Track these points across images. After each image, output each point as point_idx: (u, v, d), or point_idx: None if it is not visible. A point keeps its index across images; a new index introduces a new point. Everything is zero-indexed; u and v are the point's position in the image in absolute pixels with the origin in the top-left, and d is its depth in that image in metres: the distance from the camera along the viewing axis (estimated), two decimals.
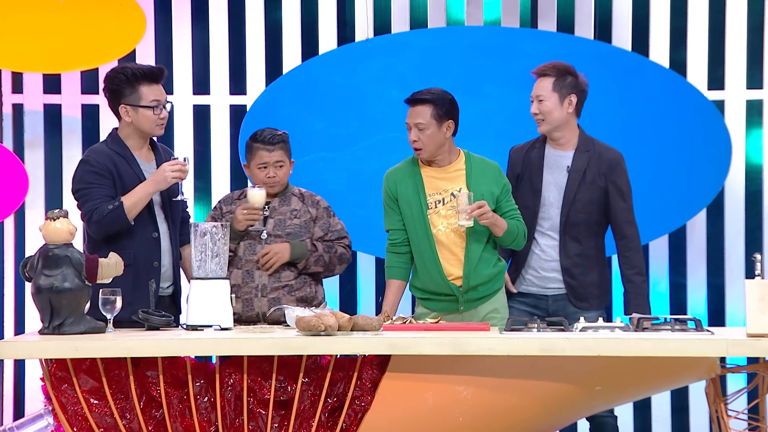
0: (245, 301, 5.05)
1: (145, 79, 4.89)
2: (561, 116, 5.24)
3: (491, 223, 4.94)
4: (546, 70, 5.26)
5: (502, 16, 6.67)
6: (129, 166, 4.88)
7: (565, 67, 5.28)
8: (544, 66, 5.28)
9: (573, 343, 4.21)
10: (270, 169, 5.09)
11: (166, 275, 4.91)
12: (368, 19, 6.64)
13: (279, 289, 5.05)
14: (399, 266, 5.10)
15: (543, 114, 5.22)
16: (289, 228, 5.10)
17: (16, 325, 6.60)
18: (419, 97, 5.00)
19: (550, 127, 5.25)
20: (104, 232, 4.81)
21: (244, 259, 5.07)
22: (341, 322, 4.35)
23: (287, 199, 5.14)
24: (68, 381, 4.30)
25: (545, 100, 5.21)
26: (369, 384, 4.34)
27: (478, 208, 4.88)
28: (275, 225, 5.09)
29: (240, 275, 5.07)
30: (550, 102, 5.21)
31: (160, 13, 6.65)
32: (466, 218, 4.89)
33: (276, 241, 5.07)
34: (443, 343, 4.23)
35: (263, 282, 5.05)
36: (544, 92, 5.22)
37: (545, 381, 4.31)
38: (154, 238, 4.90)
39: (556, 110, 5.23)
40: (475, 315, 5.05)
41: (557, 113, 5.23)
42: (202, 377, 4.38)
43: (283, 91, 6.44)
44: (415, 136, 4.99)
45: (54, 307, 4.35)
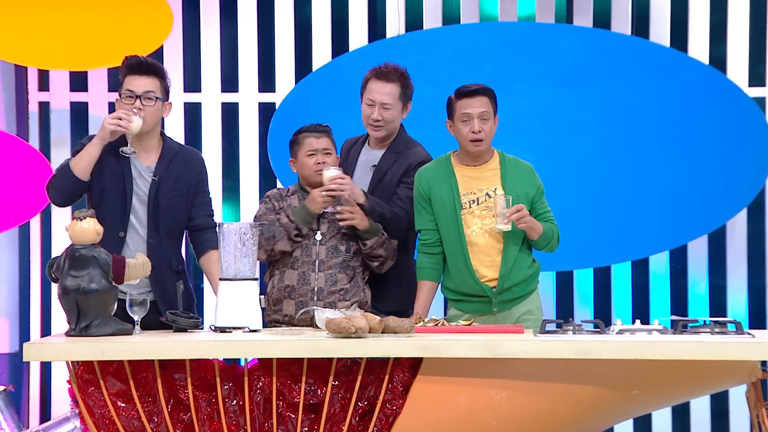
0: (299, 304, 5.04)
1: (130, 71, 4.93)
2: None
3: (529, 227, 4.93)
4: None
5: (536, 11, 6.66)
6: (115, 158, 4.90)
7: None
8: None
9: (610, 346, 4.19)
10: (319, 155, 5.09)
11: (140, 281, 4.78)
12: (400, 14, 6.65)
13: (335, 293, 5.05)
14: (431, 267, 5.09)
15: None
16: (344, 229, 5.10)
17: (43, 327, 6.64)
18: (479, 87, 5.00)
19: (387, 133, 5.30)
20: (57, 193, 4.88)
21: (301, 260, 5.07)
22: (372, 324, 4.35)
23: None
24: (95, 384, 4.33)
25: (391, 108, 5.22)
26: (400, 387, 4.34)
27: (517, 211, 4.87)
28: (329, 225, 5.09)
29: (295, 276, 5.07)
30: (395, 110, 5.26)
31: (188, 9, 6.68)
32: (504, 222, 4.88)
33: (331, 242, 5.08)
34: (476, 345, 4.22)
35: (319, 285, 5.05)
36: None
37: (581, 384, 4.30)
38: (120, 237, 4.90)
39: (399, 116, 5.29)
40: (508, 317, 5.04)
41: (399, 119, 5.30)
42: (231, 380, 4.40)
43: (312, 88, 6.46)
44: (480, 127, 4.98)
45: (81, 308, 4.37)
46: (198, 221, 5.01)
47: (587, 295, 6.68)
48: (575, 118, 6.41)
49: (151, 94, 4.89)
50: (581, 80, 6.41)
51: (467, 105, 4.98)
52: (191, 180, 4.99)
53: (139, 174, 4.94)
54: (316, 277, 5.05)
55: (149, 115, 4.89)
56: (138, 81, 4.90)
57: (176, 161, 4.98)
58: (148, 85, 4.90)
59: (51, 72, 6.63)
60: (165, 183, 4.94)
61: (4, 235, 6.55)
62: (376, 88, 5.21)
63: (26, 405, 6.62)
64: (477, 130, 4.96)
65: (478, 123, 4.97)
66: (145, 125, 4.88)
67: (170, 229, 4.96)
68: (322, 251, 5.07)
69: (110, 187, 4.92)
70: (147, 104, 4.88)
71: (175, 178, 4.95)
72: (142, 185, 4.94)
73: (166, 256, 4.95)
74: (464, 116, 4.98)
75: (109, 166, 4.92)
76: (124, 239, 4.91)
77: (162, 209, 4.93)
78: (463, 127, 4.99)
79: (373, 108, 5.21)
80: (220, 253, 4.65)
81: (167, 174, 4.94)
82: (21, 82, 6.65)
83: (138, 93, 4.89)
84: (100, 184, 4.92)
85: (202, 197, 5.03)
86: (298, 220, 5.01)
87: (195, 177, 5.01)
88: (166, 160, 4.96)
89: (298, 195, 5.13)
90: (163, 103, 4.94)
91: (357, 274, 5.12)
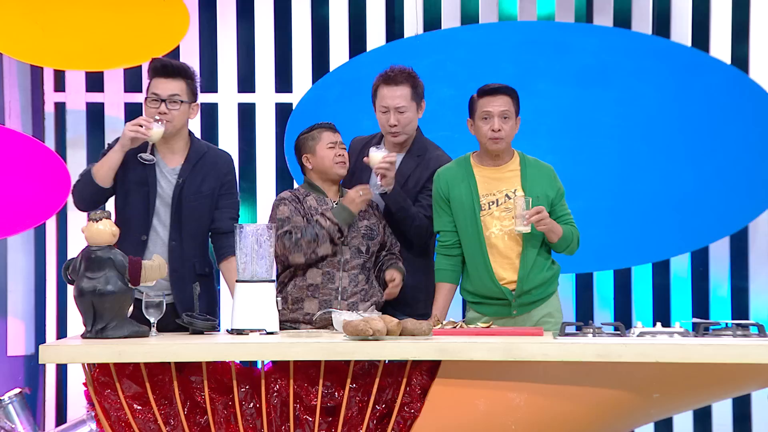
0: (323, 303, 5.04)
1: (156, 73, 4.96)
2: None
3: (548, 229, 4.93)
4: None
5: (556, 10, 6.65)
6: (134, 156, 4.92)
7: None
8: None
9: (630, 349, 4.19)
10: (337, 148, 5.12)
11: (157, 284, 4.77)
12: (417, 14, 6.65)
13: (357, 293, 5.06)
14: (449, 269, 5.10)
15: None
16: (363, 229, 5.11)
17: (59, 329, 6.66)
18: (501, 86, 5.00)
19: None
20: (80, 198, 4.93)
21: (326, 259, 5.07)
22: (390, 326, 4.36)
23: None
24: (111, 386, 4.34)
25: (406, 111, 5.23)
26: (418, 390, 4.34)
27: (537, 213, 4.87)
28: (350, 227, 5.09)
29: (319, 275, 5.08)
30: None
31: (204, 9, 6.69)
32: (524, 224, 4.88)
33: (353, 242, 5.08)
34: (495, 348, 4.22)
35: (343, 285, 5.05)
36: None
37: (601, 388, 4.30)
38: (142, 241, 4.92)
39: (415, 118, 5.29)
40: (528, 319, 5.03)
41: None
42: (248, 383, 4.41)
43: (330, 88, 6.46)
44: (500, 126, 4.98)
45: (97, 310, 4.38)
46: (219, 224, 5.00)
47: (607, 298, 6.67)
48: (595, 118, 6.40)
49: (176, 97, 4.91)
50: (601, 80, 6.40)
51: (488, 103, 4.98)
52: (216, 182, 4.99)
53: (164, 176, 4.96)
54: (341, 277, 5.05)
55: (174, 118, 4.90)
56: (163, 84, 4.92)
57: (203, 163, 4.98)
58: (174, 88, 4.91)
59: (67, 72, 6.65)
60: (189, 185, 4.94)
61: (19, 237, 6.57)
62: (387, 94, 5.22)
63: (42, 408, 6.65)
64: (497, 129, 4.96)
65: (498, 121, 4.97)
66: (171, 128, 4.90)
67: (194, 231, 4.97)
68: (346, 251, 5.08)
69: (134, 191, 4.94)
70: (172, 108, 4.90)
71: (200, 180, 4.96)
72: (166, 188, 4.95)
73: (189, 259, 4.96)
74: (485, 114, 4.98)
75: (133, 170, 4.94)
76: (146, 243, 4.92)
77: (185, 211, 4.94)
78: (483, 125, 4.99)
79: (388, 114, 5.22)
80: (237, 254, 4.65)
81: (192, 176, 4.95)
82: (37, 83, 6.67)
83: (163, 96, 4.91)
84: (124, 187, 4.95)
85: (226, 199, 5.02)
86: (341, 222, 5.01)
87: (221, 179, 5.00)
88: (191, 162, 4.97)
89: (315, 196, 5.13)
90: (189, 105, 4.95)
91: (371, 275, 5.14)
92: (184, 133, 4.99)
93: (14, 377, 6.57)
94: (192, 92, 4.96)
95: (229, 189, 5.03)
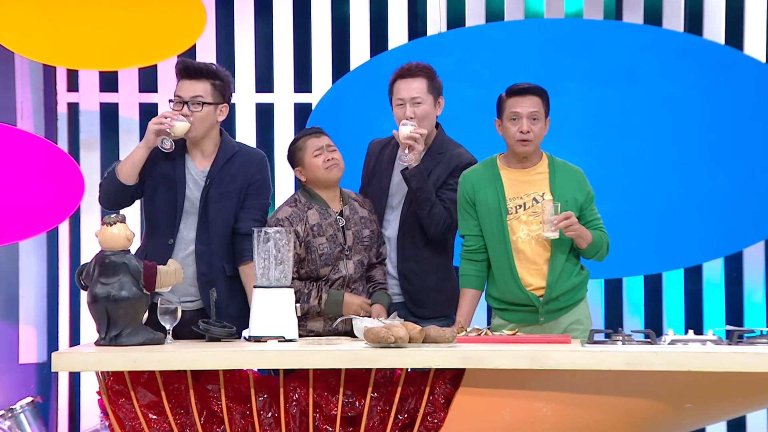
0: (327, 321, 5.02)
1: (180, 75, 5.00)
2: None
3: (577, 235, 4.91)
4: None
5: (584, 7, 6.64)
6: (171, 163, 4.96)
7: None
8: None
9: (661, 357, 4.17)
10: (325, 152, 5.09)
11: (183, 289, 4.83)
12: (441, 11, 6.65)
13: None
14: (474, 274, 5.08)
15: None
16: (366, 240, 5.11)
17: (72, 336, 6.68)
18: (531, 86, 4.98)
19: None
20: (104, 196, 4.99)
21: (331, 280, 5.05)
22: (412, 333, 4.35)
23: (352, 206, 5.14)
24: (126, 395, 4.35)
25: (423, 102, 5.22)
26: (442, 400, 4.33)
27: (565, 219, 4.85)
28: (354, 237, 5.08)
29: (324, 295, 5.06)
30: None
31: (222, 7, 6.71)
32: (552, 229, 4.86)
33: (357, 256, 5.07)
34: (521, 356, 4.21)
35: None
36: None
37: (631, 397, 4.28)
38: (169, 245, 4.95)
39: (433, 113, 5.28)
40: (556, 326, 5.02)
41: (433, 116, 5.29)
42: (266, 391, 4.41)
43: (350, 88, 6.46)
44: (528, 127, 4.96)
45: (111, 316, 4.39)
46: (240, 225, 4.99)
47: (637, 304, 6.65)
48: (624, 119, 6.38)
49: (198, 99, 4.92)
50: (631, 79, 6.38)
51: (517, 103, 4.96)
52: (244, 181, 5.00)
53: (193, 179, 4.98)
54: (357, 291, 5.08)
55: (198, 120, 4.92)
56: (187, 86, 4.95)
57: (232, 162, 5.00)
58: (196, 90, 4.93)
59: (80, 72, 6.67)
60: (216, 186, 4.96)
61: (31, 241, 6.59)
62: (402, 87, 5.21)
63: (54, 417, 6.66)
64: (525, 130, 4.95)
65: (527, 123, 4.95)
66: (194, 130, 4.92)
67: (222, 233, 4.98)
68: (350, 266, 5.07)
69: (162, 194, 4.97)
70: (194, 110, 4.92)
71: (228, 180, 4.98)
72: (195, 190, 4.97)
73: (217, 262, 4.97)
74: (513, 115, 4.96)
75: (162, 173, 4.97)
76: (172, 247, 4.93)
77: (211, 213, 4.96)
78: (511, 126, 4.97)
79: (404, 107, 5.20)
80: (254, 258, 4.65)
81: (219, 176, 4.97)
82: (49, 83, 6.69)
83: (185, 98, 4.93)
84: (152, 190, 4.97)
85: (252, 199, 5.01)
86: (328, 311, 4.99)
87: (249, 178, 5.01)
88: (219, 164, 4.99)
89: (317, 208, 5.07)
90: (216, 107, 4.95)
91: (365, 284, 5.15)
92: (213, 134, 5.01)
93: (26, 385, 6.59)
94: (220, 93, 4.98)
95: (257, 189, 5.03)
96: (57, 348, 6.55)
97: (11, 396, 6.38)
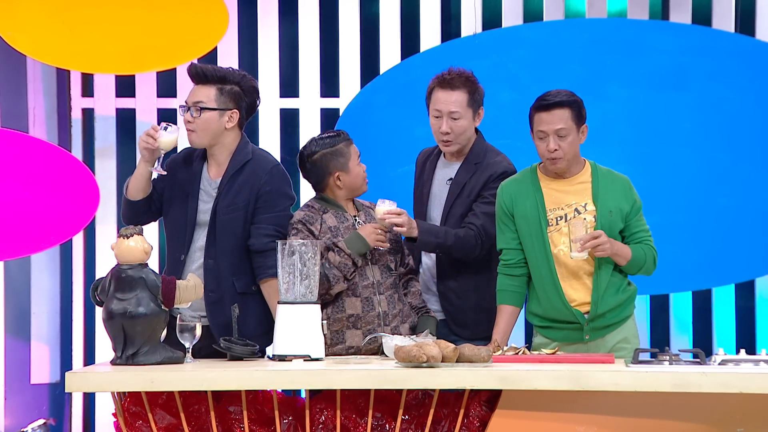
0: (366, 333, 4.98)
1: (191, 79, 5.04)
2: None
3: (611, 254, 4.90)
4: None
5: (628, 6, 6.64)
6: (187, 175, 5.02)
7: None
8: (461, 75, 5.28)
9: (711, 378, 4.16)
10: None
11: (193, 304, 4.81)
12: (476, 11, 6.66)
13: (396, 316, 5.04)
14: (512, 290, 5.08)
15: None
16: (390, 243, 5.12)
17: (86, 355, 6.71)
18: (555, 100, 4.96)
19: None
20: (124, 216, 5.06)
21: (360, 285, 5.03)
22: (445, 352, 4.35)
23: (367, 213, 5.15)
24: (143, 417, 4.36)
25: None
26: (477, 422, 4.34)
27: (593, 238, 4.84)
28: None
29: (359, 303, 5.05)
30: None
31: (244, 7, 6.74)
32: (579, 249, 4.85)
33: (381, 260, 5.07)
34: (561, 376, 4.21)
35: (383, 309, 5.04)
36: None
37: (678, 421, 4.27)
38: (180, 260, 4.98)
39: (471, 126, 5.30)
40: (602, 345, 5.00)
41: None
42: (291, 413, 4.42)
43: (380, 92, 6.48)
44: (556, 145, 4.94)
45: (127, 334, 4.41)
46: (252, 241, 4.98)
47: (686, 322, 6.63)
48: (672, 125, 6.38)
49: (199, 104, 4.94)
50: (678, 83, 6.37)
51: (542, 121, 4.95)
52: (252, 193, 4.98)
53: (206, 191, 5.00)
54: (379, 301, 5.04)
55: (199, 128, 4.95)
56: (193, 91, 5.00)
57: (242, 172, 5.00)
58: (199, 95, 4.96)
59: (95, 76, 6.71)
60: (224, 198, 4.98)
61: (44, 254, 6.64)
62: (441, 98, 5.22)
63: None
64: (552, 149, 4.94)
65: (554, 141, 4.94)
66: (196, 138, 4.96)
67: (229, 247, 4.97)
68: (376, 271, 5.07)
69: (177, 206, 5.00)
70: (195, 116, 4.94)
71: (236, 191, 4.98)
72: (208, 202, 5.00)
73: (226, 279, 4.97)
74: (540, 134, 4.96)
75: (179, 186, 5.00)
76: (184, 262, 4.96)
77: (218, 227, 4.96)
78: (540, 144, 4.98)
79: (441, 120, 5.21)
80: (278, 273, 4.66)
81: (228, 188, 4.98)
82: (63, 87, 6.74)
83: (189, 104, 4.96)
84: (170, 202, 5.02)
85: (263, 213, 4.98)
86: (354, 252, 4.97)
87: (256, 190, 4.98)
88: (229, 173, 4.99)
89: (333, 212, 5.08)
90: (222, 112, 4.98)
91: (400, 292, 5.14)
92: (225, 142, 5.01)
93: (38, 407, 6.63)
94: (229, 99, 4.97)
95: (267, 201, 4.99)
96: (71, 367, 6.58)
97: (22, 418, 6.42)
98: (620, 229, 4.97)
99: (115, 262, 4.50)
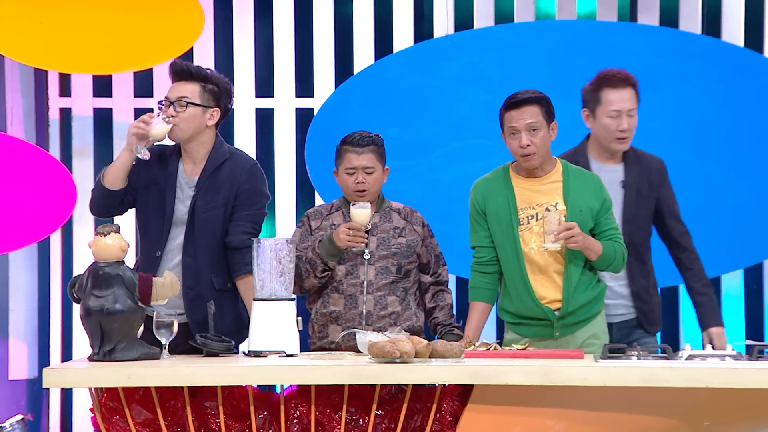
0: (346, 330, 5.00)
1: (171, 76, 5.03)
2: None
3: (583, 247, 4.91)
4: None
5: (597, 9, 6.66)
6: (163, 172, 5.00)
7: None
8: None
9: (678, 373, 4.17)
10: (359, 174, 5.07)
11: (170, 301, 4.77)
12: (448, 13, 6.66)
13: (385, 317, 5.04)
14: (484, 287, 5.09)
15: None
16: (394, 247, 5.08)
17: (63, 351, 6.69)
18: (524, 97, 4.97)
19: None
20: (93, 204, 5.02)
21: (347, 282, 5.05)
22: (418, 348, 4.36)
23: (387, 215, 5.13)
24: (120, 412, 4.35)
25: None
26: (449, 417, 4.34)
27: (567, 230, 4.85)
28: (379, 244, 5.08)
29: (341, 300, 5.07)
30: None
31: (220, 9, 6.73)
32: (552, 240, 4.87)
33: (380, 262, 5.06)
34: (532, 371, 4.22)
35: (368, 309, 5.04)
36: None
37: (646, 415, 4.29)
38: (156, 257, 4.96)
39: None
40: (572, 341, 5.02)
41: None
42: (266, 408, 4.41)
43: (353, 93, 6.48)
44: (528, 140, 4.95)
45: (104, 330, 4.40)
46: (229, 238, 4.99)
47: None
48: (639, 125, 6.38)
49: (183, 100, 4.94)
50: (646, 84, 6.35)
51: (513, 118, 4.96)
52: (231, 191, 4.98)
53: (182, 189, 4.99)
54: (365, 300, 5.04)
55: (182, 121, 4.93)
56: (174, 87, 4.99)
57: (221, 170, 4.99)
58: (182, 91, 4.95)
59: (73, 76, 6.69)
60: (203, 196, 4.97)
61: (22, 252, 6.61)
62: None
63: None
64: (524, 144, 4.95)
65: (526, 137, 4.95)
66: (179, 132, 4.94)
67: (208, 245, 4.97)
68: (370, 272, 5.07)
69: (152, 202, 4.99)
70: (179, 111, 4.93)
71: (215, 189, 4.97)
72: (185, 199, 4.98)
73: (205, 275, 4.96)
74: (511, 130, 4.97)
75: (155, 179, 4.99)
76: (160, 258, 4.95)
77: (197, 224, 4.96)
78: (512, 141, 4.98)
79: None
80: (254, 270, 4.67)
81: (207, 186, 4.97)
82: (41, 87, 6.71)
83: (171, 99, 4.95)
84: (145, 198, 4.99)
85: (241, 211, 4.99)
86: (324, 254, 4.98)
87: (236, 188, 4.98)
88: (208, 171, 4.99)
89: (343, 211, 5.12)
90: (204, 109, 4.97)
91: (409, 296, 5.11)
92: (203, 140, 5.00)
93: (16, 402, 6.61)
94: (211, 97, 4.97)
95: (246, 199, 5.00)
96: (48, 363, 6.56)
97: (0, 414, 6.39)
98: (590, 227, 4.99)
99: (92, 260, 4.49)
